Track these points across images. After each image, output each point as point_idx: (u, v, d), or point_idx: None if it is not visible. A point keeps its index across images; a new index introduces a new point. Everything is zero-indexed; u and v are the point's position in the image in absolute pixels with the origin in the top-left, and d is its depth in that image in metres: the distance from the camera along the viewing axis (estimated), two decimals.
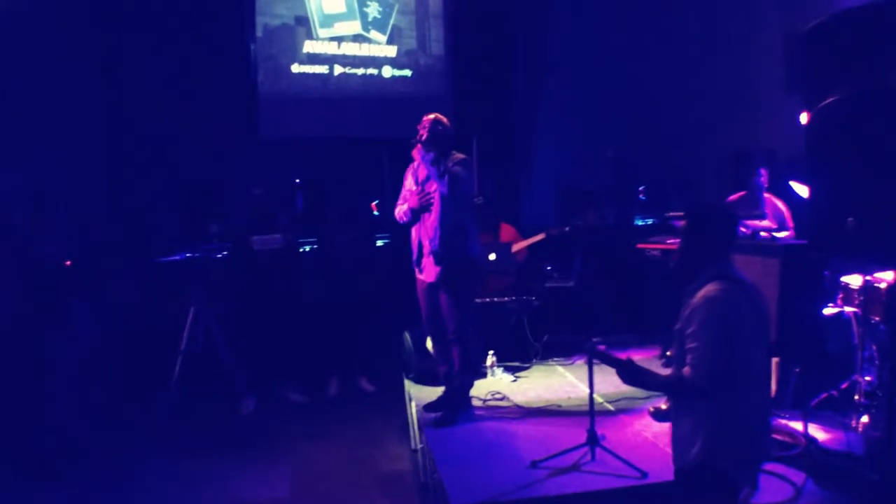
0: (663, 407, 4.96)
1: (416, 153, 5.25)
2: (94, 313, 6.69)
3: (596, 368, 4.45)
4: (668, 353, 3.23)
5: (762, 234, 5.25)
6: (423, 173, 5.31)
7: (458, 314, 5.25)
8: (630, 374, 3.17)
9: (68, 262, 6.55)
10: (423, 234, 5.31)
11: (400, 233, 6.81)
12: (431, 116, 5.32)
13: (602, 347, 6.81)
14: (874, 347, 4.88)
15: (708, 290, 3.04)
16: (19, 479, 5.10)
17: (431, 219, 5.25)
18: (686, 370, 3.04)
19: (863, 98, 2.79)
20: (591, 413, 4.41)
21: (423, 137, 5.23)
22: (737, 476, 3.07)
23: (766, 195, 5.79)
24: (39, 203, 6.69)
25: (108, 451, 5.61)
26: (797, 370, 5.13)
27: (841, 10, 2.92)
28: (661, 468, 3.98)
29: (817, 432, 4.67)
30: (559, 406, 5.44)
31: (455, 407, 5.28)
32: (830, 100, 2.97)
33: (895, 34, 2.68)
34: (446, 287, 5.24)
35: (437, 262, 5.22)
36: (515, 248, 6.89)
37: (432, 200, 5.17)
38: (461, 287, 5.27)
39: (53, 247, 6.44)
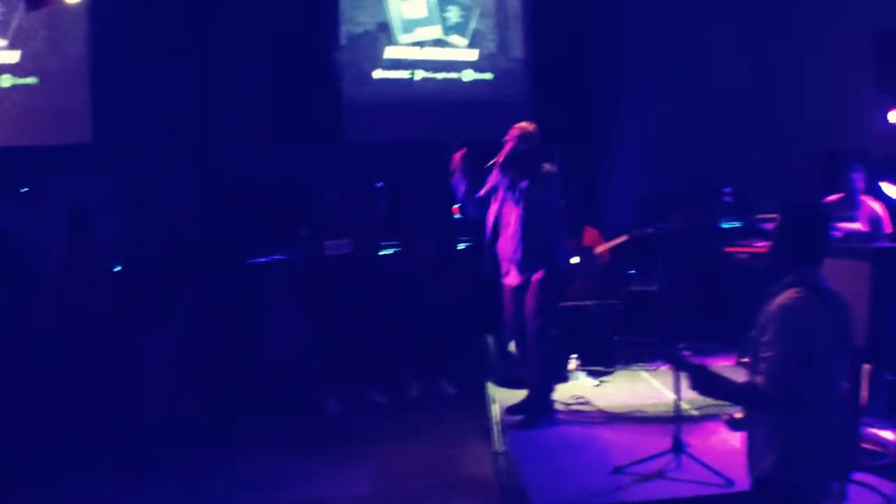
0: (738, 416, 4.86)
1: (492, 178, 5.31)
2: (188, 315, 6.94)
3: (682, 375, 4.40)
4: (743, 360, 3.15)
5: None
6: (501, 192, 5.35)
7: (540, 319, 5.24)
8: (702, 381, 3.10)
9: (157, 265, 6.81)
10: (504, 245, 5.36)
11: (481, 237, 6.85)
12: (517, 130, 5.32)
13: (687, 353, 6.75)
14: None
15: (784, 297, 2.93)
16: (118, 474, 5.29)
17: (510, 232, 5.30)
18: (759, 379, 2.93)
19: None
20: (676, 419, 4.37)
21: (501, 160, 5.29)
22: (812, 489, 2.95)
23: (863, 197, 5.62)
24: (137, 209, 6.99)
25: (199, 450, 5.77)
26: (888, 377, 4.97)
27: None
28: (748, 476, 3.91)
29: None
30: (643, 412, 5.40)
31: (537, 410, 5.28)
32: None
33: None
34: (530, 292, 5.25)
35: (521, 272, 5.27)
36: (598, 250, 6.84)
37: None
38: (544, 293, 5.25)
39: (149, 251, 6.72)
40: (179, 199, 8.04)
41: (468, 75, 9.36)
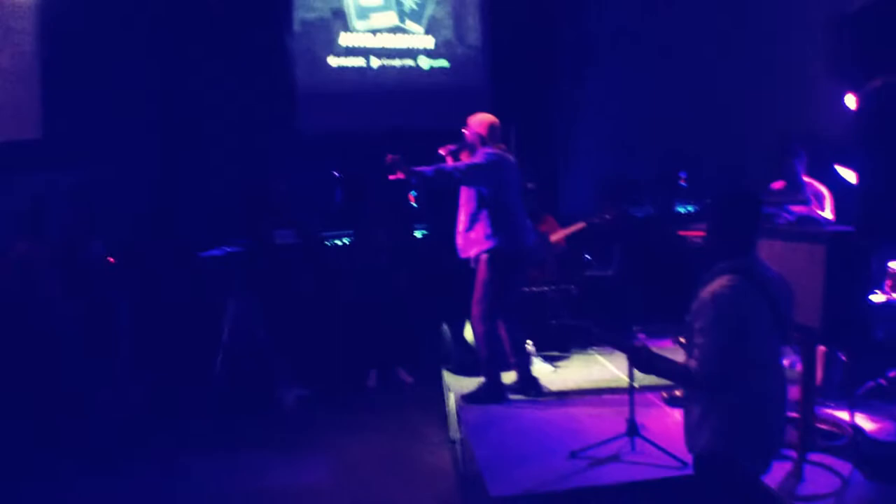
0: (677, 394, 4.91)
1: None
2: (138, 310, 6.82)
3: None
4: (681, 340, 3.22)
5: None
6: None
7: (478, 298, 5.30)
8: (642, 361, 3.19)
9: (111, 259, 6.69)
10: (459, 228, 5.43)
11: (439, 225, 6.82)
12: (466, 128, 5.43)
13: (642, 336, 6.79)
14: None
15: (716, 285, 3.01)
16: (69, 470, 5.19)
17: (462, 214, 5.41)
18: (692, 363, 3.03)
19: None
20: (630, 403, 4.37)
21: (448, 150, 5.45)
22: (748, 465, 3.06)
23: (807, 179, 5.66)
24: (87, 203, 6.83)
25: (153, 444, 5.68)
26: (843, 359, 5.03)
27: None
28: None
29: (864, 422, 4.56)
30: (599, 396, 5.40)
31: (489, 396, 5.32)
32: (880, 81, 2.87)
33: None
34: (477, 275, 5.32)
35: (468, 252, 5.35)
36: (554, 237, 6.83)
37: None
38: (481, 274, 5.30)
39: (99, 245, 6.58)
40: (130, 194, 7.88)
41: (424, 62, 9.29)
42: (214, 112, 8.31)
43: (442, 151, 5.51)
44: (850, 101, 6.26)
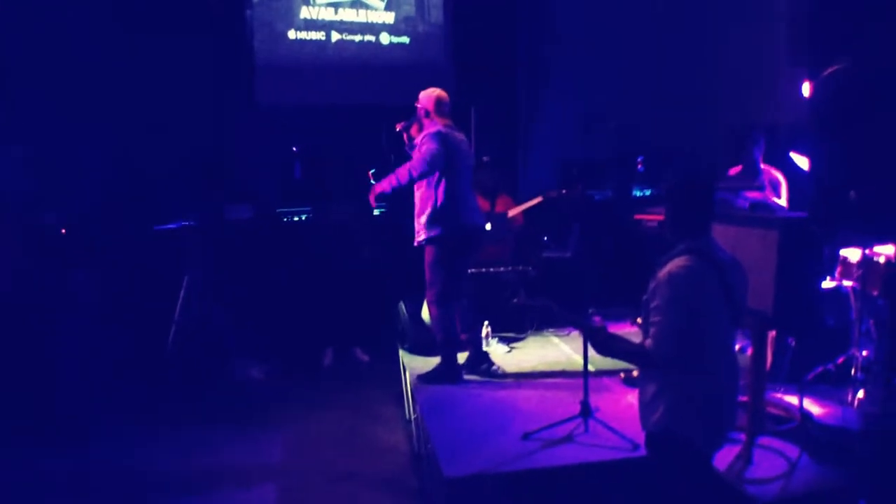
0: (634, 374, 4.97)
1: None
2: (91, 281, 6.69)
3: None
4: (637, 321, 3.26)
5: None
6: None
7: (429, 282, 5.31)
8: (599, 340, 3.23)
9: (63, 231, 6.55)
10: None
11: (397, 203, 6.77)
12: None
13: (598, 318, 6.83)
14: (872, 322, 4.86)
15: (673, 265, 3.09)
16: (27, 445, 5.16)
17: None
18: (648, 342, 3.10)
19: (869, 68, 2.71)
20: (584, 384, 4.40)
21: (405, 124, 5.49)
22: (699, 444, 3.12)
23: (764, 166, 5.72)
24: (41, 173, 6.68)
25: (108, 419, 5.63)
26: (792, 344, 5.11)
27: None
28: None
29: (813, 407, 4.65)
30: (553, 377, 5.43)
31: (444, 377, 5.34)
32: (835, 68, 2.89)
33: None
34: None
35: (416, 234, 5.34)
36: (512, 213, 6.82)
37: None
38: (427, 257, 5.30)
39: (53, 216, 6.44)
40: (83, 164, 7.71)
41: (385, 38, 9.19)
42: (170, 82, 8.14)
43: (398, 127, 5.53)
44: (806, 88, 6.34)
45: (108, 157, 8.07)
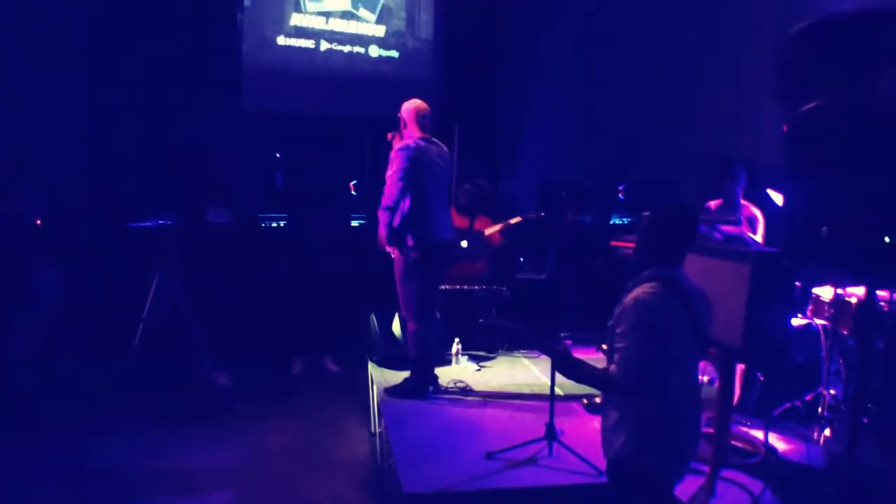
0: (597, 400, 4.95)
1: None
2: (62, 274, 6.62)
3: None
4: (603, 347, 3.24)
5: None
6: None
7: (404, 298, 5.30)
8: (563, 364, 3.21)
9: (38, 221, 6.48)
10: None
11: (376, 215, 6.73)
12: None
13: (568, 342, 6.80)
14: (841, 361, 4.87)
15: (640, 291, 3.05)
16: None
17: None
18: (612, 368, 3.06)
19: (845, 106, 2.73)
20: (551, 407, 4.37)
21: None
22: (660, 473, 3.09)
23: (743, 202, 5.75)
24: (15, 161, 6.60)
25: (69, 416, 5.56)
26: (761, 378, 5.12)
27: (826, 15, 2.86)
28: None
29: (778, 442, 4.66)
30: (521, 398, 5.40)
31: (412, 392, 5.30)
32: (810, 105, 2.90)
33: (880, 42, 2.62)
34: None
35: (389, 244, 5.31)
36: (489, 231, 6.81)
37: None
38: (397, 273, 5.30)
39: (26, 204, 6.36)
40: (62, 158, 7.64)
41: (374, 51, 9.21)
42: (155, 82, 8.11)
43: (389, 136, 5.51)
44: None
45: (88, 151, 8.02)
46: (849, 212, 2.67)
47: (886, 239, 2.46)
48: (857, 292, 4.72)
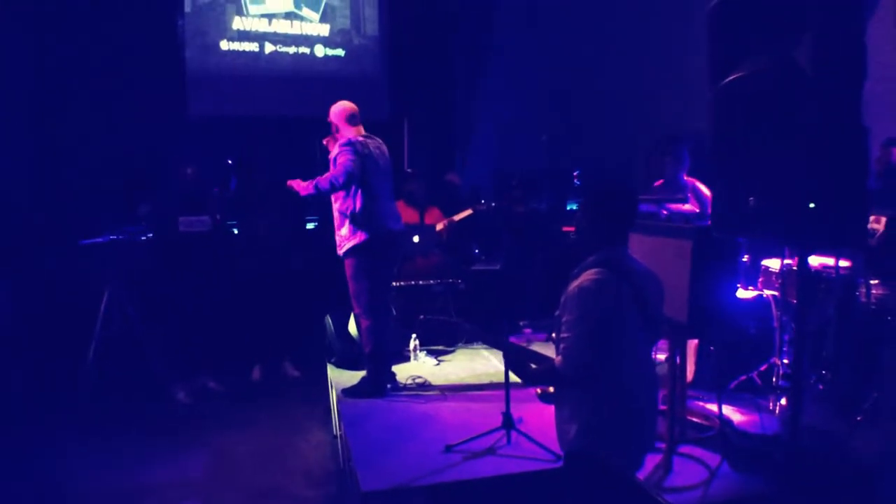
0: (550, 390, 4.94)
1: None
2: (14, 294, 6.51)
3: None
4: (553, 336, 3.22)
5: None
6: None
7: (355, 293, 5.28)
8: (512, 363, 3.16)
9: None
10: None
11: (327, 216, 6.69)
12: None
13: (528, 331, 6.82)
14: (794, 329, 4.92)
15: (584, 278, 3.01)
16: None
17: None
18: (557, 359, 3.02)
19: (767, 75, 2.74)
20: (506, 396, 4.37)
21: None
22: (617, 462, 3.02)
23: (689, 179, 5.79)
24: None
25: (22, 432, 5.51)
26: (712, 349, 5.15)
27: None
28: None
29: (734, 414, 4.69)
30: (480, 390, 5.39)
31: (368, 391, 5.28)
32: (733, 77, 2.91)
33: (801, 8, 2.63)
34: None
35: (338, 249, 5.32)
36: (440, 226, 6.79)
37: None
38: (349, 270, 5.29)
39: None
40: (9, 172, 7.52)
41: (320, 51, 9.15)
42: (99, 92, 8.01)
43: (325, 142, 5.50)
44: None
45: (31, 169, 7.89)
46: (774, 181, 2.68)
47: (811, 205, 2.47)
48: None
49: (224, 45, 8.78)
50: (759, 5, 2.83)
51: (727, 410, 4.65)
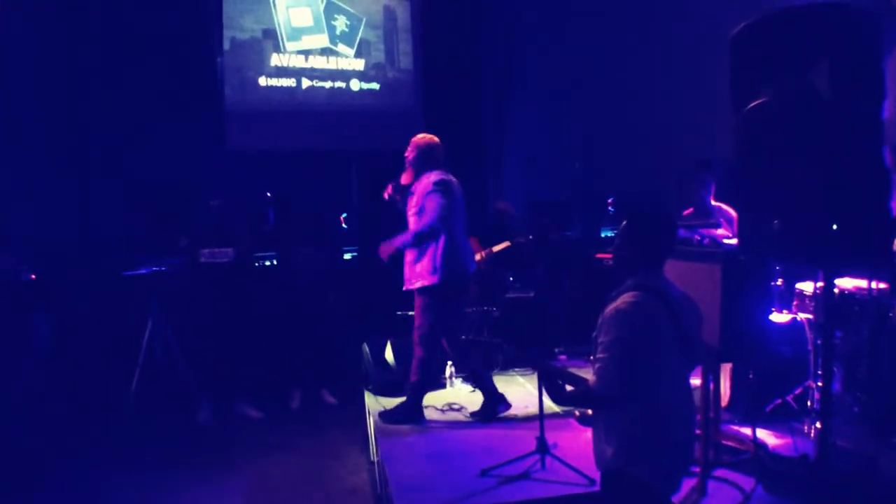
0: (589, 412, 4.97)
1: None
2: (57, 327, 6.67)
3: None
4: (591, 358, 3.25)
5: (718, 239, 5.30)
6: None
7: (419, 325, 5.30)
8: (548, 386, 3.23)
9: (33, 276, 6.55)
10: None
11: (368, 246, 6.81)
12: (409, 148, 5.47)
13: (563, 357, 6.85)
14: None
15: (621, 301, 3.03)
16: None
17: None
18: (592, 380, 3.05)
19: (787, 100, 2.80)
20: (540, 420, 4.41)
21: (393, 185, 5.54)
22: (655, 482, 3.04)
23: (716, 203, 5.81)
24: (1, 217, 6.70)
25: (65, 464, 5.56)
26: (751, 376, 5.14)
27: (767, 12, 2.93)
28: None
29: (769, 438, 4.69)
30: (516, 415, 5.43)
31: (406, 417, 5.34)
32: (755, 103, 2.97)
33: (818, 35, 2.69)
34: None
35: (406, 282, 5.35)
36: (479, 256, 6.87)
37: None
38: (421, 302, 5.30)
39: (13, 259, 6.44)
40: (50, 211, 7.74)
41: (355, 85, 9.33)
42: (141, 129, 8.22)
43: (386, 195, 5.58)
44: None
45: (76, 202, 8.10)
46: (797, 203, 2.73)
47: (834, 227, 2.51)
48: (842, 285, 4.79)
49: (262, 81, 8.99)
50: (778, 33, 2.89)
51: (762, 434, 4.65)
